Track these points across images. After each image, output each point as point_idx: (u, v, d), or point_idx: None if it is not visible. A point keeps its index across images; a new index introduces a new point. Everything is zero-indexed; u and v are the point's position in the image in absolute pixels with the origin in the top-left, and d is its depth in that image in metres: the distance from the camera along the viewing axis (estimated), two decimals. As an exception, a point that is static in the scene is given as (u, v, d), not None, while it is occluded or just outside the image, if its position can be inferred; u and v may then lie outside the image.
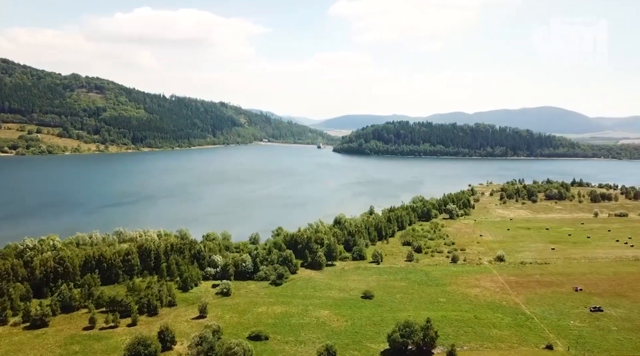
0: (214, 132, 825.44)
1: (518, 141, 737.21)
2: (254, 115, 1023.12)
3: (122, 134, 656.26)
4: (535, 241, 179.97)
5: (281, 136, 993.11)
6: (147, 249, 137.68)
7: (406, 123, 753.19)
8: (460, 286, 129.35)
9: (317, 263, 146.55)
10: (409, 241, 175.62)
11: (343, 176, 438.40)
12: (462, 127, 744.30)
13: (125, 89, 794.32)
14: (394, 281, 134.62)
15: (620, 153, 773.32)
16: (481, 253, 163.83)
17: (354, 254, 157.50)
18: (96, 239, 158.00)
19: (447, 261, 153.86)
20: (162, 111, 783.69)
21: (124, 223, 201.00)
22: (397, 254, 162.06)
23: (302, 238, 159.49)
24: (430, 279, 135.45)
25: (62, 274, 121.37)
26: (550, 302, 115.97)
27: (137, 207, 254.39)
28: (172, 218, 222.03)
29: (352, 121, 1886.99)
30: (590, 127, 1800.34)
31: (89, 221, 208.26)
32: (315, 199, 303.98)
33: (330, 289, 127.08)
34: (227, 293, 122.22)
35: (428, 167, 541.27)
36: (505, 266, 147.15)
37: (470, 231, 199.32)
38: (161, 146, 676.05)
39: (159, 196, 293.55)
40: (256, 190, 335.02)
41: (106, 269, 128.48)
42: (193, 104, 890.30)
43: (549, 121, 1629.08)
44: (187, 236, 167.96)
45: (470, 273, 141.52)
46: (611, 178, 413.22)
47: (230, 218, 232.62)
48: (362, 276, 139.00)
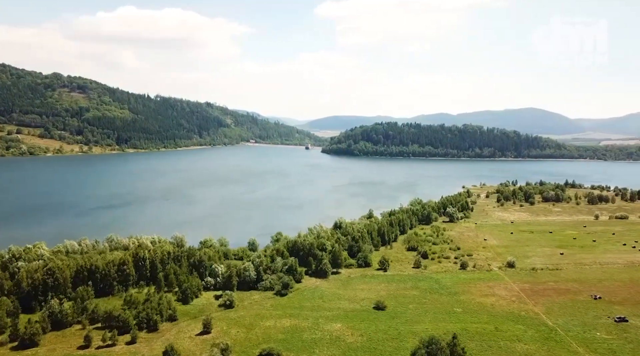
0: (200, 133, 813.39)
1: (506, 142, 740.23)
2: (240, 116, 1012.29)
3: (106, 134, 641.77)
4: (542, 246, 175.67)
5: (268, 136, 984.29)
6: (143, 258, 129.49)
7: (395, 124, 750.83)
8: (474, 294, 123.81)
9: (322, 271, 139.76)
10: (414, 246, 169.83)
11: (336, 177, 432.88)
12: (450, 128, 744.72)
13: (108, 88, 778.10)
14: (404, 289, 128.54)
15: (605, 154, 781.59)
16: (489, 258, 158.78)
17: (359, 261, 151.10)
18: (86, 246, 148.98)
19: (456, 268, 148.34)
20: (147, 111, 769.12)
21: (113, 228, 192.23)
22: (403, 261, 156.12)
23: (304, 244, 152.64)
24: (442, 288, 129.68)
25: (52, 287, 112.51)
26: (570, 312, 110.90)
27: (126, 211, 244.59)
28: (164, 222, 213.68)
29: (337, 122, 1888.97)
30: (572, 129, 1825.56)
31: (77, 226, 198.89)
32: (311, 201, 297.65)
33: (339, 300, 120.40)
34: (231, 305, 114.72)
35: (418, 169, 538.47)
36: (516, 273, 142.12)
37: (473, 235, 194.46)
38: (146, 147, 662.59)
39: (149, 199, 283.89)
40: (250, 192, 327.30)
41: (99, 281, 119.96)
42: (178, 105, 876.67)
43: (532, 122, 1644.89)
44: (182, 242, 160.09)
45: (481, 280, 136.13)
46: (602, 179, 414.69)
47: (224, 221, 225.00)
48: (370, 285, 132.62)
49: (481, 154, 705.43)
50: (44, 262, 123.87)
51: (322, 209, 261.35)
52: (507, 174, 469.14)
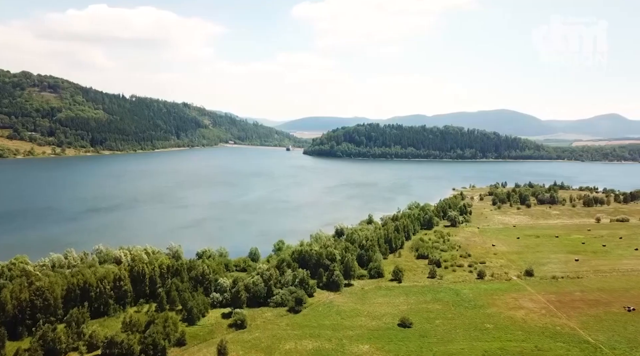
0: (178, 134, 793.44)
1: (486, 143, 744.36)
2: (218, 116, 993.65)
3: (80, 136, 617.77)
4: (553, 251, 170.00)
5: (247, 137, 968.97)
6: (142, 273, 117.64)
7: (377, 125, 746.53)
8: (500, 307, 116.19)
9: (334, 284, 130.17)
10: (424, 254, 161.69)
11: (325, 179, 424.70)
12: (432, 129, 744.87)
13: (81, 88, 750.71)
14: (425, 303, 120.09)
15: (582, 155, 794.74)
16: (504, 266, 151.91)
17: (371, 271, 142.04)
18: (73, 259, 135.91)
19: (473, 277, 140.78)
20: (122, 111, 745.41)
21: (100, 237, 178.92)
22: (416, 270, 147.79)
23: (310, 254, 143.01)
24: (464, 300, 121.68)
25: (40, 309, 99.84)
26: (608, 326, 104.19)
27: (112, 217, 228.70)
28: (155, 229, 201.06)
29: (313, 123, 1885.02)
30: (543, 130, 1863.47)
31: (59, 235, 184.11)
32: (306, 204, 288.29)
33: (358, 316, 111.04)
34: (242, 324, 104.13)
35: (403, 170, 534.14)
36: (537, 282, 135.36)
37: (480, 241, 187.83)
38: (123, 149, 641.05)
39: (135, 204, 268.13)
40: (240, 195, 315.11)
41: (94, 300, 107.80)
42: (155, 105, 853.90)
43: (505, 123, 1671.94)
44: (179, 253, 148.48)
45: (503, 290, 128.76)
46: (588, 180, 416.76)
47: (219, 228, 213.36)
48: (387, 298, 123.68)
49: (463, 155, 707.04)
50: (30, 280, 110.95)
51: (318, 213, 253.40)
52: (492, 175, 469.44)
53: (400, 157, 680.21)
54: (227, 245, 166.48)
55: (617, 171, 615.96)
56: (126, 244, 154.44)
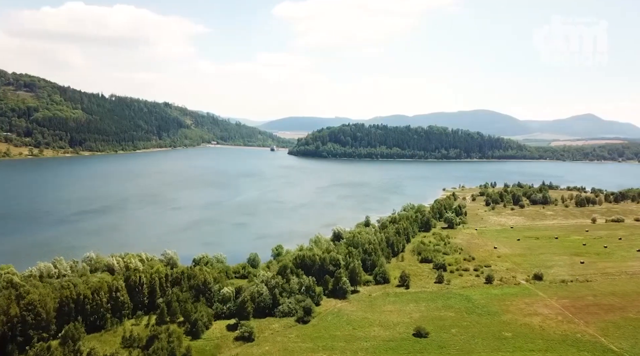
0: (160, 135, 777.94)
1: (470, 144, 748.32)
2: (200, 116, 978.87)
3: (59, 136, 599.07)
4: (556, 254, 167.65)
5: (230, 137, 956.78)
6: (139, 283, 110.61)
7: (362, 125, 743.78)
8: (515, 314, 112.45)
9: (341, 291, 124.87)
10: (428, 257, 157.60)
11: (315, 179, 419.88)
12: (417, 129, 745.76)
13: (59, 87, 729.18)
14: (437, 310, 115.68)
15: (564, 155, 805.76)
16: (510, 269, 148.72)
17: (376, 277, 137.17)
18: (63, 269, 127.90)
19: (481, 282, 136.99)
20: (102, 111, 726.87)
21: (88, 242, 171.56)
22: (421, 275, 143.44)
23: (313, 259, 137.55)
24: (477, 306, 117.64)
25: (32, 325, 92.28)
26: (629, 333, 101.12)
27: (99, 221, 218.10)
28: (146, 234, 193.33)
29: (294, 123, 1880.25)
30: (521, 130, 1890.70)
31: (45, 242, 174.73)
32: (301, 205, 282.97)
33: (371, 326, 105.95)
34: (250, 337, 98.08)
35: (391, 170, 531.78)
36: (547, 286, 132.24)
37: (481, 243, 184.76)
38: (103, 150, 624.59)
39: (122, 206, 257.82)
40: (232, 196, 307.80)
41: (89, 313, 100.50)
42: (135, 105, 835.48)
43: (484, 124, 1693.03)
44: (174, 260, 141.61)
45: (514, 296, 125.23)
46: (575, 179, 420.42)
47: (213, 231, 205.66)
48: (397, 306, 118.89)
49: (447, 155, 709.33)
50: (18, 292, 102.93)
51: (314, 214, 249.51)
52: (480, 175, 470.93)
53: (385, 157, 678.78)
54: (224, 250, 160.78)
55: (600, 170, 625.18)
56: (118, 251, 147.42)
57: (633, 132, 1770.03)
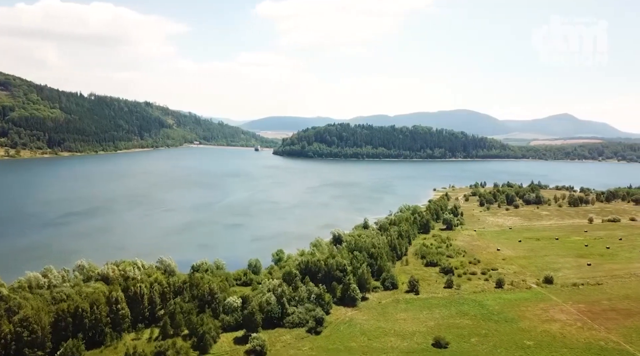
0: (141, 135, 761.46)
1: (455, 143, 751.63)
2: (182, 116, 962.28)
3: (36, 136, 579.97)
4: (560, 255, 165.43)
5: (213, 137, 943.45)
6: (139, 294, 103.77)
7: (347, 125, 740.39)
8: (532, 320, 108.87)
9: (350, 298, 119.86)
10: (433, 261, 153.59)
11: (304, 179, 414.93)
12: (402, 129, 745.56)
13: (36, 86, 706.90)
14: (451, 317, 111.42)
15: (546, 154, 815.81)
16: (517, 273, 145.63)
17: (384, 282, 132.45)
18: (54, 278, 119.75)
19: (491, 286, 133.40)
20: (81, 111, 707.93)
21: (76, 247, 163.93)
22: (429, 280, 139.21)
23: (318, 265, 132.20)
24: (492, 313, 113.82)
25: (27, 343, 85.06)
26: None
27: (87, 225, 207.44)
28: (138, 238, 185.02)
29: (276, 123, 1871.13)
30: (500, 129, 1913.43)
31: (30, 247, 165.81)
32: (294, 205, 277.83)
33: (386, 336, 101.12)
34: (262, 351, 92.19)
35: (378, 170, 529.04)
36: (559, 290, 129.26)
37: (483, 245, 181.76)
38: (83, 150, 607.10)
39: (110, 208, 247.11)
40: (222, 197, 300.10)
41: (88, 328, 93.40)
42: (115, 104, 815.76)
43: (464, 123, 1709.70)
44: (172, 267, 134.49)
45: (528, 301, 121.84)
46: (561, 178, 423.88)
47: (208, 234, 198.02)
48: (409, 313, 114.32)
49: (432, 155, 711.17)
50: (8, 305, 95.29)
51: (309, 215, 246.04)
52: (467, 174, 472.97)
53: (371, 157, 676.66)
54: (221, 255, 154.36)
55: (582, 169, 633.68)
56: (110, 257, 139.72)
57: (608, 131, 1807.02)
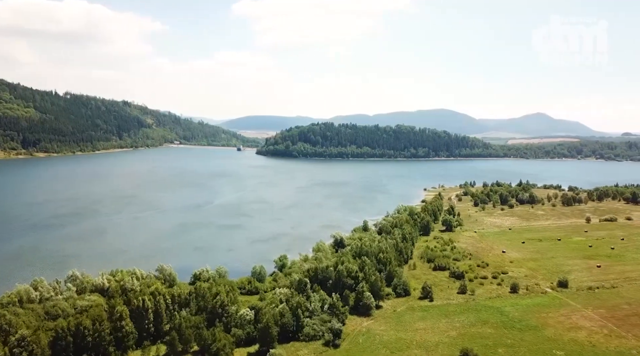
0: (120, 135, 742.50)
1: (438, 142, 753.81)
2: (162, 115, 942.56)
3: (9, 136, 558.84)
4: (567, 257, 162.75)
5: (193, 137, 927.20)
6: (143, 307, 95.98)
7: (331, 125, 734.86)
8: (556, 328, 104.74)
9: (364, 307, 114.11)
10: (441, 265, 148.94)
11: (293, 179, 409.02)
12: (386, 128, 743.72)
13: (8, 84, 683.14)
14: (472, 326, 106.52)
15: (527, 153, 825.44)
16: (528, 276, 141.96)
17: (396, 289, 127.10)
18: (45, 291, 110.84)
19: (506, 291, 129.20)
20: (57, 110, 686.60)
21: (64, 252, 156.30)
22: (440, 285, 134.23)
23: (327, 272, 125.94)
24: (513, 320, 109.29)
25: (25, 367, 76.95)
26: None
27: (73, 228, 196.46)
28: (129, 243, 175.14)
29: (256, 122, 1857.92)
30: (477, 128, 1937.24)
31: (14, 256, 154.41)
32: (288, 206, 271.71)
33: (409, 348, 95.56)
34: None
35: (365, 170, 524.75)
36: (576, 294, 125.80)
37: (486, 247, 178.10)
38: (60, 151, 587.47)
39: (96, 210, 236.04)
40: (213, 197, 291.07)
41: (90, 348, 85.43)
42: (92, 103, 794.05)
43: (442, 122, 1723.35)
44: (173, 276, 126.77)
45: (547, 306, 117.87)
46: (547, 177, 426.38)
47: (202, 238, 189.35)
48: (428, 322, 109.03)
49: (416, 154, 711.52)
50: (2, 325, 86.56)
51: (305, 216, 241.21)
52: (454, 173, 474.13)
53: (356, 156, 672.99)
54: (220, 260, 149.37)
55: (564, 167, 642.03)
56: (103, 265, 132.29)
57: (581, 130, 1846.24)
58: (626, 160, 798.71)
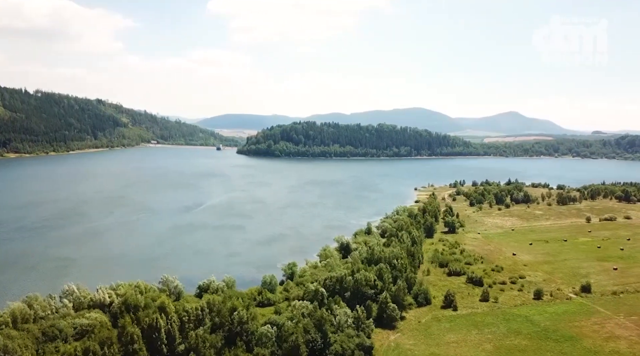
0: (95, 134, 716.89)
1: (419, 141, 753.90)
2: (137, 114, 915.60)
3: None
4: (580, 259, 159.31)
5: (171, 136, 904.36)
6: (155, 326, 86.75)
7: (314, 123, 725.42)
8: (594, 338, 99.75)
9: (389, 319, 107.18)
10: (457, 270, 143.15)
11: (282, 179, 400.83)
12: (368, 127, 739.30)
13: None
14: (505, 337, 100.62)
15: (506, 151, 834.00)
16: (547, 280, 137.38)
17: (417, 297, 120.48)
18: (41, 309, 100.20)
19: (529, 297, 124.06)
20: (27, 108, 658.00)
21: (53, 262, 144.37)
22: (460, 292, 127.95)
23: (345, 281, 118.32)
24: (546, 330, 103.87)
25: (30, 404, 67.17)
26: None
27: (62, 232, 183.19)
28: (123, 249, 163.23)
29: (231, 121, 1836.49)
30: (453, 127, 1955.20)
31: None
32: (284, 206, 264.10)
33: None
34: (315, 393, 78.06)
35: (351, 169, 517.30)
36: (602, 300, 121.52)
37: (494, 249, 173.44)
38: (32, 151, 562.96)
39: (83, 212, 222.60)
40: (204, 198, 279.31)
41: (101, 376, 75.99)
42: (65, 101, 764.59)
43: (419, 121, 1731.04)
44: (179, 289, 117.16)
45: (577, 314, 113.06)
46: (533, 175, 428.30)
47: (200, 243, 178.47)
48: (458, 334, 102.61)
49: (399, 153, 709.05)
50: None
51: (302, 216, 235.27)
52: (440, 172, 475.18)
53: (339, 156, 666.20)
54: (222, 266, 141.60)
55: (546, 165, 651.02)
56: (98, 274, 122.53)
57: (553, 128, 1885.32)
58: (601, 158, 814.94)
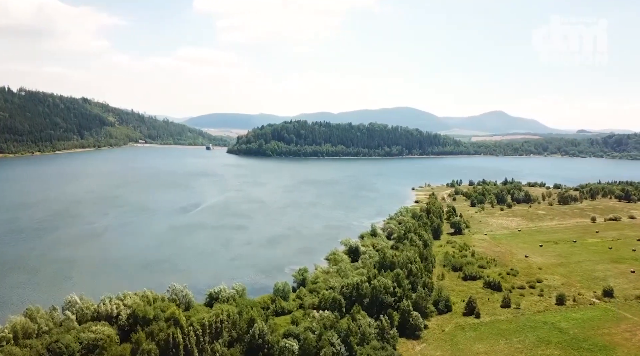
0: (81, 133, 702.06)
1: (411, 140, 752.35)
2: (124, 113, 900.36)
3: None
4: (595, 261, 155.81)
5: (159, 136, 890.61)
6: (172, 342, 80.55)
7: (305, 123, 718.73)
8: (627, 347, 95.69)
9: (411, 328, 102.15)
10: (472, 274, 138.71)
11: (277, 178, 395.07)
12: (359, 126, 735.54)
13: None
14: (535, 347, 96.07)
15: (496, 150, 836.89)
16: (565, 284, 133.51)
17: (437, 304, 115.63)
18: (43, 322, 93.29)
19: (551, 303, 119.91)
20: (11, 107, 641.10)
21: (51, 271, 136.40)
22: (480, 298, 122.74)
23: (363, 288, 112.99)
24: (576, 339, 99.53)
25: None
26: None
27: (57, 234, 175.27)
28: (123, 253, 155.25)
29: (218, 120, 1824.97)
30: (440, 126, 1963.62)
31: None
32: (283, 206, 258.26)
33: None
34: (348, 412, 72.64)
35: (344, 168, 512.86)
36: (627, 305, 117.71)
37: (505, 251, 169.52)
38: (17, 151, 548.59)
39: (77, 213, 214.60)
40: (201, 198, 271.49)
41: (117, 399, 69.63)
42: (50, 100, 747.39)
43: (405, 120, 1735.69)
44: (188, 298, 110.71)
45: (603, 320, 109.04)
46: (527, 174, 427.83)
47: (201, 244, 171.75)
48: (485, 344, 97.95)
49: (390, 152, 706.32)
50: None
51: (303, 216, 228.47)
52: (433, 171, 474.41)
53: (331, 155, 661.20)
54: (228, 272, 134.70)
55: (537, 164, 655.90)
56: (100, 282, 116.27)
57: (538, 127, 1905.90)
58: (589, 156, 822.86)
